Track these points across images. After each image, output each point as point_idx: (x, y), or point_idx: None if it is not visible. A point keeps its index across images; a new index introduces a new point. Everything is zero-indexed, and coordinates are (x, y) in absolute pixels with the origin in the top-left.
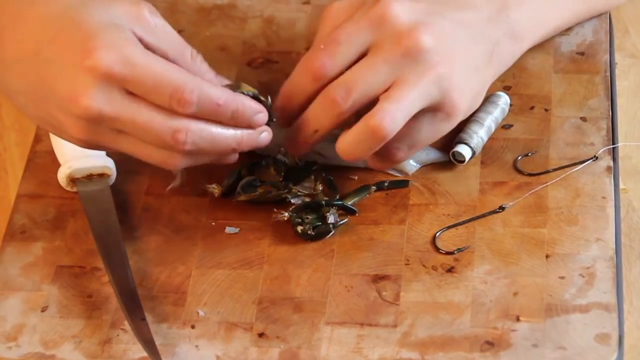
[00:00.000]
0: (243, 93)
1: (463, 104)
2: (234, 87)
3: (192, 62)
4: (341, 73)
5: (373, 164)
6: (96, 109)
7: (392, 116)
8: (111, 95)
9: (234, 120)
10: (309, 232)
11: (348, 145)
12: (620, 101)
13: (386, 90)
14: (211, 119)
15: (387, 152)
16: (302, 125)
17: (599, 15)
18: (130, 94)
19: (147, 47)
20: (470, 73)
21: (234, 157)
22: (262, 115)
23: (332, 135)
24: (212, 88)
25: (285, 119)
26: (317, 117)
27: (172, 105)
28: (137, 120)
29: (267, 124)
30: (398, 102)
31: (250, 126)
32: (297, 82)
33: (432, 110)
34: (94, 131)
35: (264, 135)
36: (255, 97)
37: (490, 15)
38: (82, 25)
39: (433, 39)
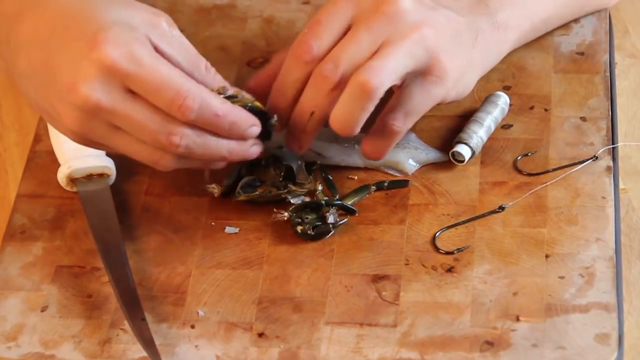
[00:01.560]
0: (247, 106)
1: (452, 68)
2: (238, 100)
3: (205, 74)
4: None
5: (373, 148)
6: (94, 99)
7: (378, 71)
8: (111, 89)
9: (230, 132)
10: (308, 232)
11: (340, 112)
12: (620, 101)
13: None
14: (208, 127)
15: (384, 125)
16: (298, 113)
17: (599, 16)
18: (131, 92)
19: (162, 55)
20: (455, 43)
21: (222, 164)
22: (256, 128)
23: (332, 135)
24: (214, 98)
25: (281, 114)
26: (311, 98)
27: (172, 111)
28: (133, 117)
29: (267, 138)
30: (384, 59)
31: (243, 138)
32: (288, 71)
33: (421, 74)
34: (89, 124)
35: (254, 149)
36: (257, 110)
37: (470, 4)
38: (97, 20)
39: (412, 3)
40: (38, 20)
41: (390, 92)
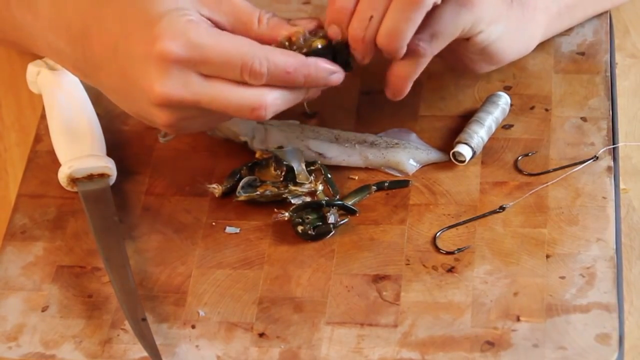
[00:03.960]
0: (317, 48)
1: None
2: (307, 42)
3: (260, 27)
4: None
5: (397, 76)
6: (172, 95)
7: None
8: (186, 80)
9: (308, 84)
10: (309, 232)
11: (388, 22)
12: (620, 101)
13: None
14: (285, 85)
15: (410, 48)
16: (357, 19)
17: (599, 16)
18: (204, 74)
19: (216, 25)
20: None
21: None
22: (338, 75)
23: (333, 136)
24: (281, 56)
25: (342, 25)
26: (369, 3)
27: (244, 79)
28: (215, 98)
29: (348, 69)
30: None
31: (326, 85)
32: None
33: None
34: (179, 116)
35: (336, 76)
36: (328, 48)
37: None
38: (147, 14)
39: None
40: (101, 36)
41: None
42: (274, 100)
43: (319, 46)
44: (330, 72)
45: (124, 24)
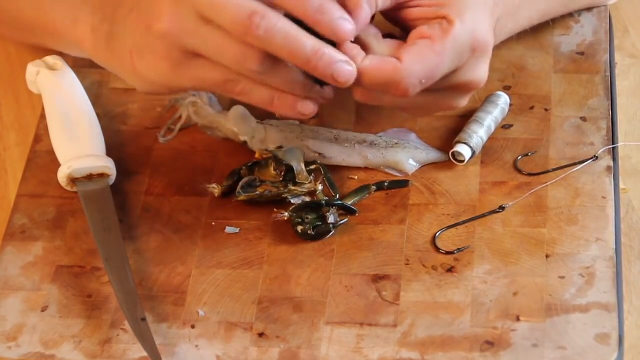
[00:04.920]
0: None
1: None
2: None
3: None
4: None
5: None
6: (171, 29)
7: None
8: (187, 17)
9: (318, 15)
10: (309, 232)
11: (365, 75)
12: (620, 101)
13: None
14: (293, 8)
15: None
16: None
17: (599, 15)
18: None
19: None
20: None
21: (309, 107)
22: (348, 24)
23: (332, 136)
24: None
25: None
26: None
27: None
28: (210, 38)
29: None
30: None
31: (332, 32)
32: (379, 82)
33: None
34: (178, 18)
35: (343, 66)
36: None
37: None
38: None
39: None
40: None
41: None
42: (274, 16)
43: None
44: (341, 14)
45: None
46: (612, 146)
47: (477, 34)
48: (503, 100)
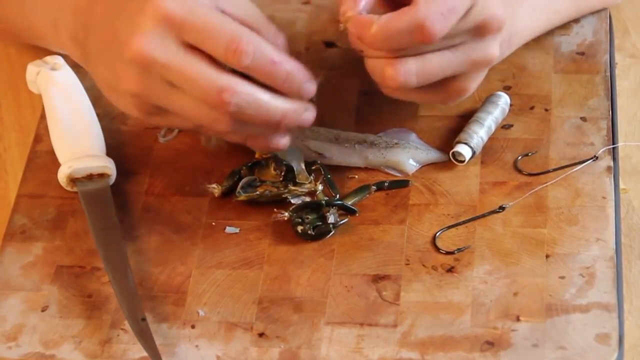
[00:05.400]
0: None
1: (497, 54)
2: None
3: (268, 35)
4: None
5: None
6: (148, 51)
7: (411, 78)
8: (166, 42)
9: (286, 83)
10: (309, 232)
11: (385, 30)
12: (620, 101)
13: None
14: (264, 78)
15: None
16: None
17: (599, 16)
18: (185, 45)
19: (232, 17)
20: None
21: (282, 142)
22: (311, 84)
23: (332, 136)
24: (269, 46)
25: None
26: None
27: (228, 56)
28: (186, 71)
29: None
30: (429, 72)
31: (299, 95)
32: (401, 31)
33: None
34: (146, 82)
35: (308, 114)
36: None
37: None
38: None
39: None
40: (106, 2)
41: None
42: (244, 90)
43: None
44: (308, 77)
45: None
46: (612, 146)
47: None
48: (503, 100)
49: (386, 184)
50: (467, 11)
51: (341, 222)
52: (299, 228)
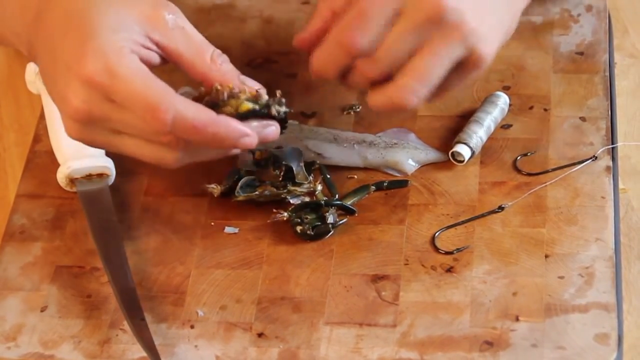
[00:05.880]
0: (267, 104)
1: (491, 52)
2: (238, 100)
3: (211, 65)
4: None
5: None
6: (84, 109)
7: (416, 93)
8: (98, 99)
9: (216, 143)
10: (308, 232)
11: (374, 100)
12: (619, 101)
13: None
14: (191, 139)
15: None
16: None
17: (598, 15)
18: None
19: (163, 49)
20: (499, 9)
21: (238, 150)
22: (249, 139)
23: (332, 136)
24: (191, 109)
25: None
26: (350, 83)
27: (148, 122)
28: (125, 120)
29: (283, 127)
30: (423, 78)
31: (236, 147)
32: (329, 53)
33: (459, 64)
34: (89, 132)
35: (270, 130)
36: (265, 105)
37: None
38: (88, 26)
39: (460, 7)
40: (52, 21)
41: None
42: (179, 156)
43: (248, 108)
44: (241, 134)
45: (68, 20)
46: (611, 146)
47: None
48: (502, 100)
49: (385, 184)
50: (402, 9)
51: (340, 222)
52: (298, 228)
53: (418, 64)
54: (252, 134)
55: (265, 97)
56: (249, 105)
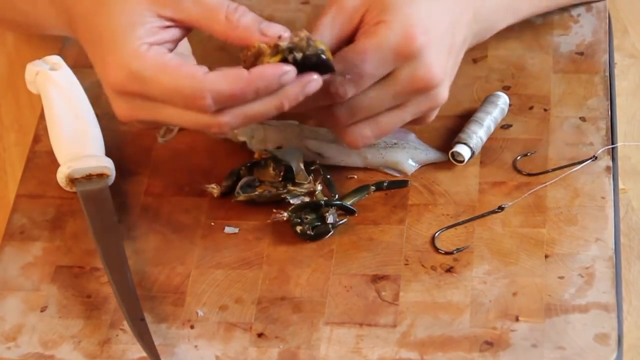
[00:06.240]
0: (306, 53)
1: (446, 96)
2: (296, 46)
3: (227, 24)
4: None
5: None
6: (129, 115)
7: (369, 141)
8: (138, 103)
9: (261, 95)
10: (308, 232)
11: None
12: (619, 101)
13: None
14: (238, 105)
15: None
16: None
17: (598, 15)
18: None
19: (179, 23)
20: (454, 66)
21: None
22: (289, 73)
23: (331, 135)
24: (224, 83)
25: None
26: (317, 117)
27: (190, 109)
28: (167, 120)
29: (328, 71)
30: (382, 133)
31: (282, 86)
32: (315, 96)
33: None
34: (143, 121)
35: (312, 85)
36: (318, 54)
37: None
38: (105, 35)
39: (443, 74)
40: (80, 34)
41: None
42: (229, 120)
43: (311, 52)
44: (279, 74)
45: (89, 36)
46: (611, 146)
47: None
48: (502, 100)
49: (385, 184)
50: (394, 75)
51: (340, 222)
52: (298, 228)
53: (385, 120)
54: (288, 67)
55: (285, 42)
56: (277, 58)
